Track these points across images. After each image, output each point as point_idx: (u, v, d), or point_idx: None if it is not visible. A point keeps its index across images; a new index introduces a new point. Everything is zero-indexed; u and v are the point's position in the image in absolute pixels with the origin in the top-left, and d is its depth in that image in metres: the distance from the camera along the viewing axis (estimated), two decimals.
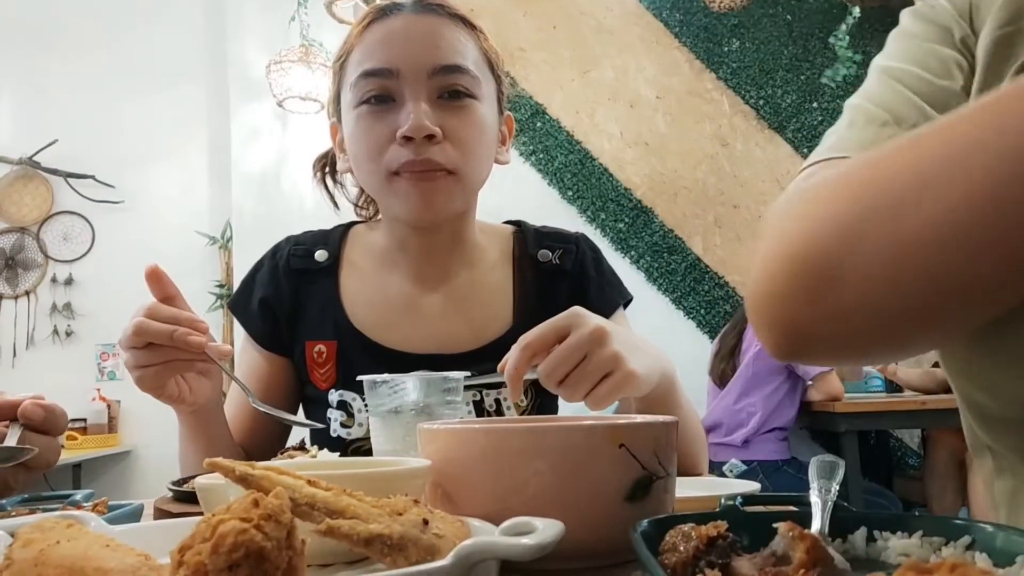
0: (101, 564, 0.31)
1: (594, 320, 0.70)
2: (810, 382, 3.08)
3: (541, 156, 4.04)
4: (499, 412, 0.97)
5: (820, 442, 3.64)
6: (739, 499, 0.45)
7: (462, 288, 1.02)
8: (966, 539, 0.40)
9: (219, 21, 4.07)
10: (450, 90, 0.92)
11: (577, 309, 0.71)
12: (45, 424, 0.67)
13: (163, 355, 0.79)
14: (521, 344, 0.69)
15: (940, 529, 0.41)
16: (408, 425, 0.69)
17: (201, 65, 4.13)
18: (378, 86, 0.92)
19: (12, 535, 0.34)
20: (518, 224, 1.11)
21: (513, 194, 3.66)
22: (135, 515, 0.55)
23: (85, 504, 0.53)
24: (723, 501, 0.45)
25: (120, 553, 0.32)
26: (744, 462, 3.01)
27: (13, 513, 0.53)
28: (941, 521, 0.42)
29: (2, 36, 4.03)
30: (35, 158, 4.10)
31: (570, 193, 4.02)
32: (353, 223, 1.11)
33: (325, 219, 1.14)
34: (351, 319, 1.00)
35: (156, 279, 0.81)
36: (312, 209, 3.69)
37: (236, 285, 1.09)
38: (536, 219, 1.15)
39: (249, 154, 3.96)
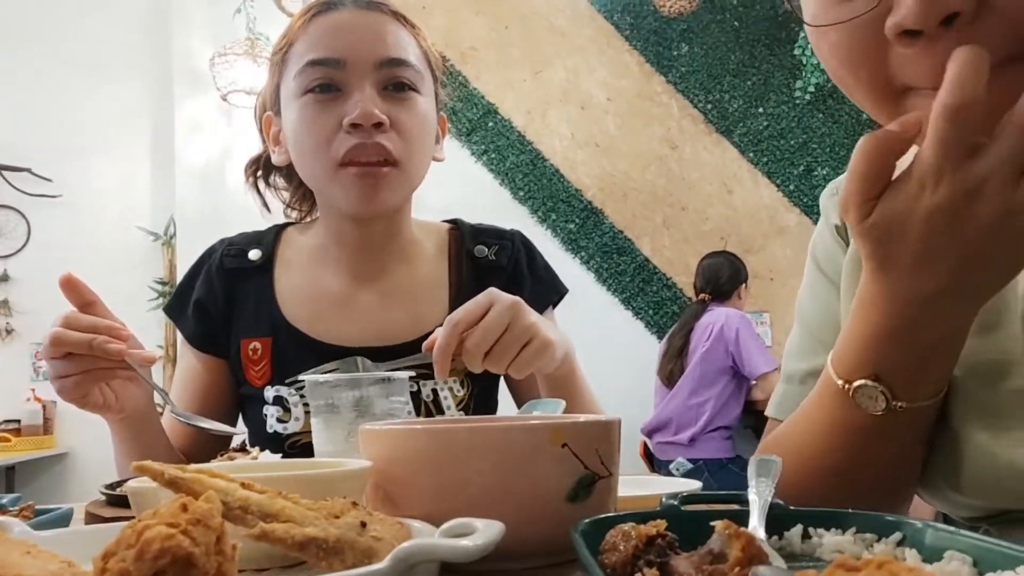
0: (20, 572, 0.29)
1: (510, 296, 0.78)
2: (754, 382, 3.14)
3: (493, 156, 4.04)
4: (436, 402, 0.98)
5: None
6: (679, 498, 0.45)
7: (399, 283, 1.03)
8: (897, 535, 0.41)
9: (163, 12, 3.97)
10: (395, 82, 0.94)
11: (493, 289, 0.79)
12: None
13: (83, 364, 0.78)
14: (450, 322, 0.75)
15: (872, 526, 0.42)
16: (350, 425, 0.68)
17: (144, 57, 4.02)
18: (324, 75, 0.92)
19: None
20: (454, 222, 1.11)
21: (464, 193, 3.66)
22: (64, 520, 0.53)
23: (11, 509, 0.51)
24: (664, 500, 0.46)
25: (41, 560, 0.31)
26: (690, 460, 3.06)
27: None
28: (873, 518, 0.43)
29: None
30: None
31: (521, 193, 4.03)
32: (286, 224, 1.11)
33: (270, 215, 1.13)
34: (285, 315, 1.00)
35: (71, 287, 0.80)
36: (257, 206, 3.61)
37: (179, 281, 1.08)
38: (487, 219, 1.15)
39: (193, 148, 3.87)
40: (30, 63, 3.97)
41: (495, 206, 3.87)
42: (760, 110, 4.13)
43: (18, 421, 3.75)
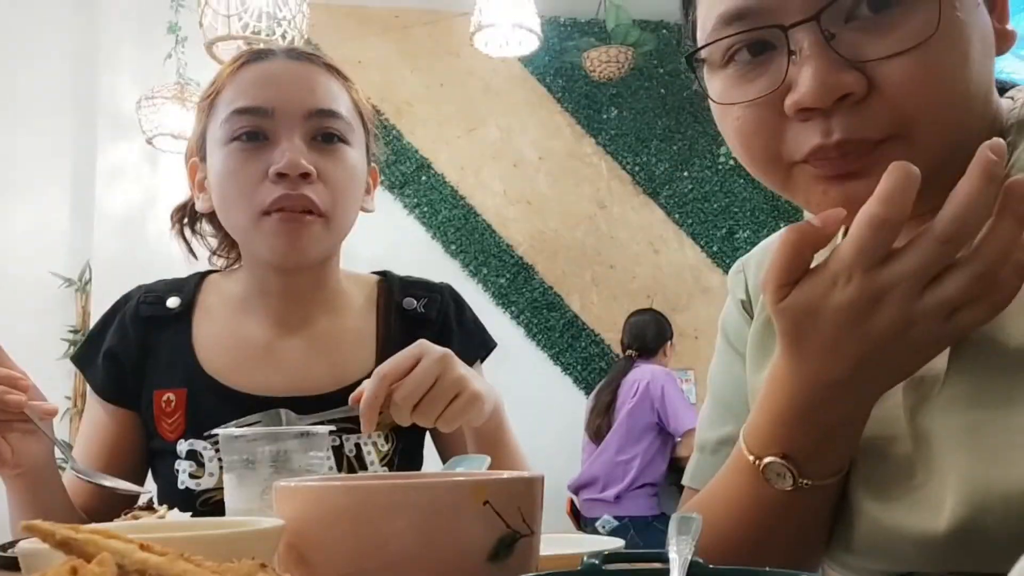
0: None
1: (440, 348, 0.78)
2: (679, 439, 3.18)
3: (425, 210, 4.06)
4: (359, 457, 0.95)
5: None
6: (601, 557, 0.45)
7: (324, 333, 1.01)
8: None
9: (91, 54, 3.89)
10: (324, 133, 0.93)
11: (423, 341, 0.78)
12: None
13: None
14: (379, 374, 0.75)
15: None
16: (266, 482, 0.65)
17: (68, 97, 3.91)
18: (251, 124, 0.91)
19: None
20: (383, 274, 1.11)
21: (396, 246, 3.65)
22: None
23: None
24: (585, 559, 0.45)
25: None
26: (616, 518, 3.06)
27: None
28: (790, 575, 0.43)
29: None
30: None
31: (453, 247, 4.04)
32: (209, 271, 1.08)
33: (194, 264, 1.10)
34: (203, 364, 0.97)
35: None
36: (180, 254, 3.52)
37: (90, 330, 1.03)
38: (419, 272, 1.15)
39: (115, 192, 3.76)
40: None
41: (426, 259, 3.86)
42: (685, 174, 4.28)
43: None
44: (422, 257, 3.85)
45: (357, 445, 0.95)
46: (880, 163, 0.48)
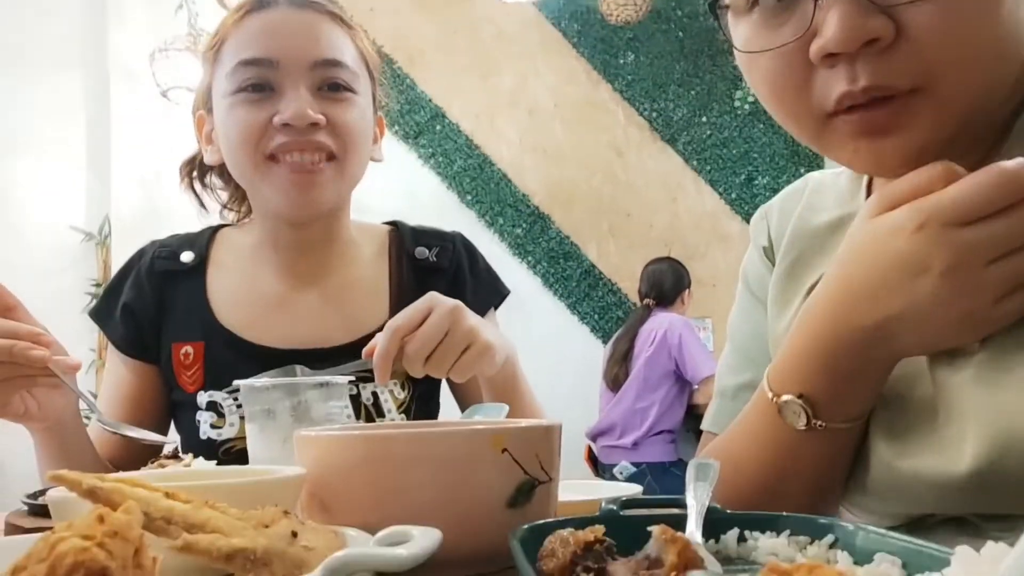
0: None
1: (451, 300, 0.78)
2: (697, 386, 3.19)
3: (440, 160, 4.03)
4: (376, 405, 0.96)
5: None
6: (619, 503, 0.45)
7: (337, 284, 1.01)
8: (829, 538, 0.42)
9: (100, 7, 3.85)
10: (331, 83, 0.92)
11: (433, 293, 0.79)
12: None
13: (4, 371, 0.74)
14: (390, 328, 0.75)
15: (806, 528, 0.43)
16: (287, 431, 0.66)
17: (79, 52, 3.89)
18: (257, 75, 0.90)
19: None
20: (394, 223, 1.10)
21: (411, 197, 3.63)
22: None
23: None
24: (603, 505, 0.45)
25: None
26: (633, 464, 3.09)
27: None
28: (807, 521, 0.43)
29: None
30: None
31: (469, 197, 4.02)
32: (222, 225, 1.08)
33: (205, 218, 1.10)
34: (219, 318, 0.98)
35: None
36: (195, 208, 3.52)
37: (107, 285, 1.04)
38: (434, 222, 1.14)
39: (130, 146, 3.76)
40: None
41: (442, 210, 3.85)
42: (703, 119, 4.21)
43: None
44: (437, 207, 3.83)
45: (374, 393, 0.96)
46: (909, 120, 0.47)
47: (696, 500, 0.45)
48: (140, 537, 0.27)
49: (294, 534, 0.34)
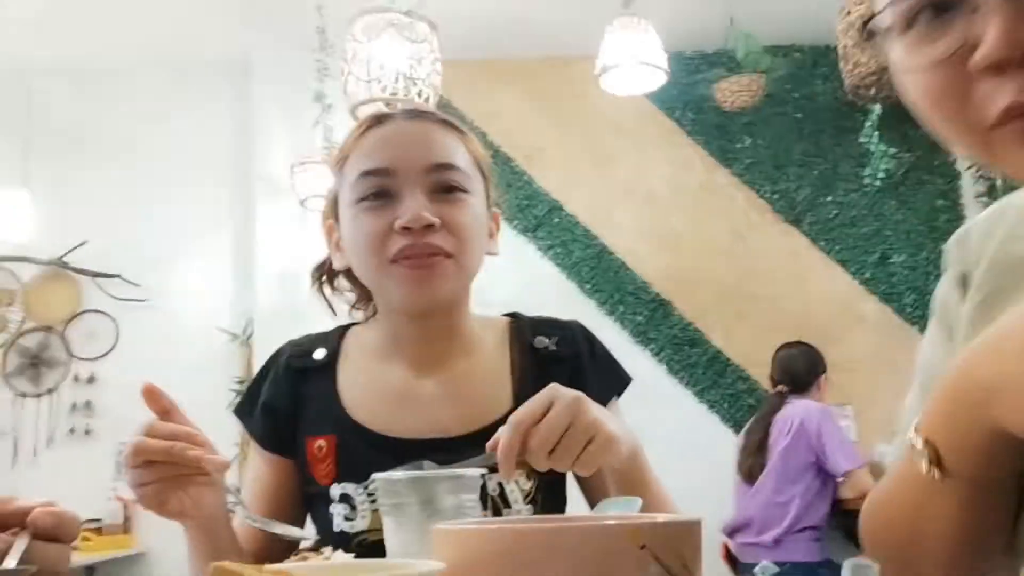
0: None
1: (572, 392, 0.77)
2: (841, 478, 2.98)
3: (559, 251, 4.09)
4: (503, 496, 0.96)
5: (856, 543, 3.49)
6: None
7: (460, 375, 1.03)
8: None
9: (245, 124, 4.24)
10: (445, 185, 0.97)
11: (555, 385, 0.78)
12: (56, 532, 0.65)
13: (162, 472, 0.80)
14: (513, 422, 0.75)
15: None
16: (423, 525, 0.67)
17: (226, 166, 4.27)
18: (376, 184, 0.97)
19: None
20: (513, 315, 1.12)
21: (532, 288, 3.69)
22: None
23: None
24: None
25: None
26: (776, 563, 2.89)
27: None
28: None
29: (35, 141, 4.21)
30: (64, 259, 4.20)
31: (588, 287, 4.04)
32: (351, 324, 1.13)
33: (336, 317, 1.16)
34: (348, 412, 1.01)
35: (151, 396, 0.83)
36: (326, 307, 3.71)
37: (248, 384, 1.11)
38: (555, 313, 1.15)
39: (271, 252, 4.04)
40: (121, 177, 4.25)
41: (562, 300, 3.88)
42: (829, 198, 4.09)
43: (99, 520, 3.83)
44: (558, 297, 3.87)
45: (500, 484, 0.96)
46: None
47: None
48: None
49: None
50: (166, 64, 4.22)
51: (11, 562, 0.57)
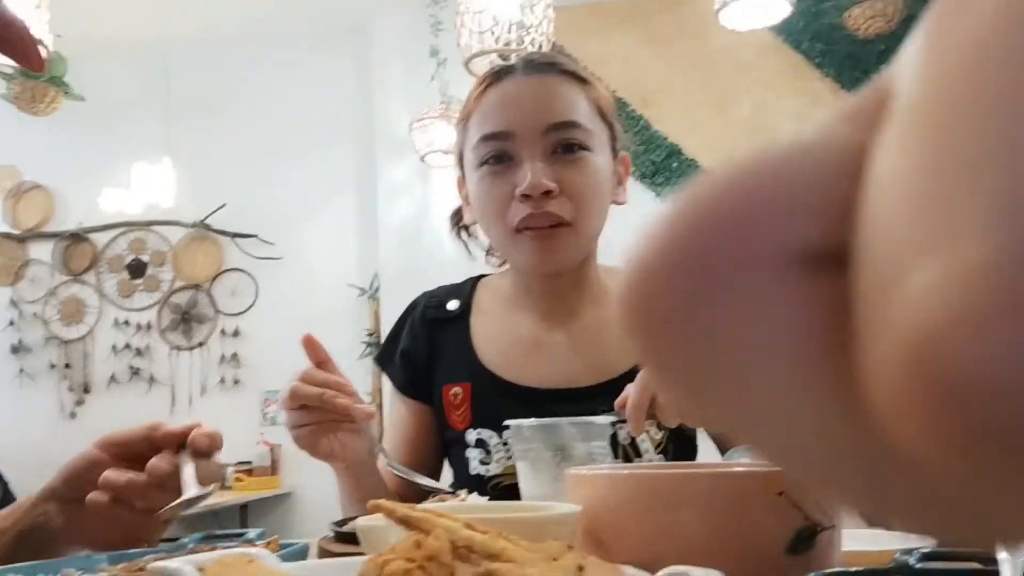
0: None
1: None
2: None
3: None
4: (633, 446, 0.98)
5: None
6: (915, 554, 0.42)
7: (589, 326, 1.06)
8: None
9: (365, 83, 4.34)
10: (564, 144, 0.97)
11: None
12: (210, 449, 0.72)
13: (314, 416, 0.87)
14: (642, 380, 0.76)
15: None
16: (555, 470, 0.69)
17: (350, 126, 4.41)
18: (496, 148, 0.99)
19: (200, 570, 0.36)
20: None
21: None
22: (302, 554, 0.58)
23: (259, 542, 0.57)
24: (897, 555, 0.42)
25: None
26: None
27: (193, 549, 0.58)
28: None
29: (177, 113, 4.48)
30: (206, 221, 4.50)
31: None
32: (482, 276, 1.17)
33: (463, 268, 1.20)
34: (482, 360, 1.06)
35: (310, 346, 0.90)
36: (451, 260, 3.80)
37: (384, 333, 1.18)
38: None
39: (393, 208, 4.16)
40: (255, 142, 4.48)
41: None
42: None
43: (249, 463, 4.15)
44: None
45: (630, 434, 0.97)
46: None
47: (1011, 553, 0.40)
48: (452, 562, 0.30)
49: (580, 568, 0.35)
50: (290, 30, 4.37)
51: (192, 490, 0.64)
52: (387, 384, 1.16)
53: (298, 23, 4.32)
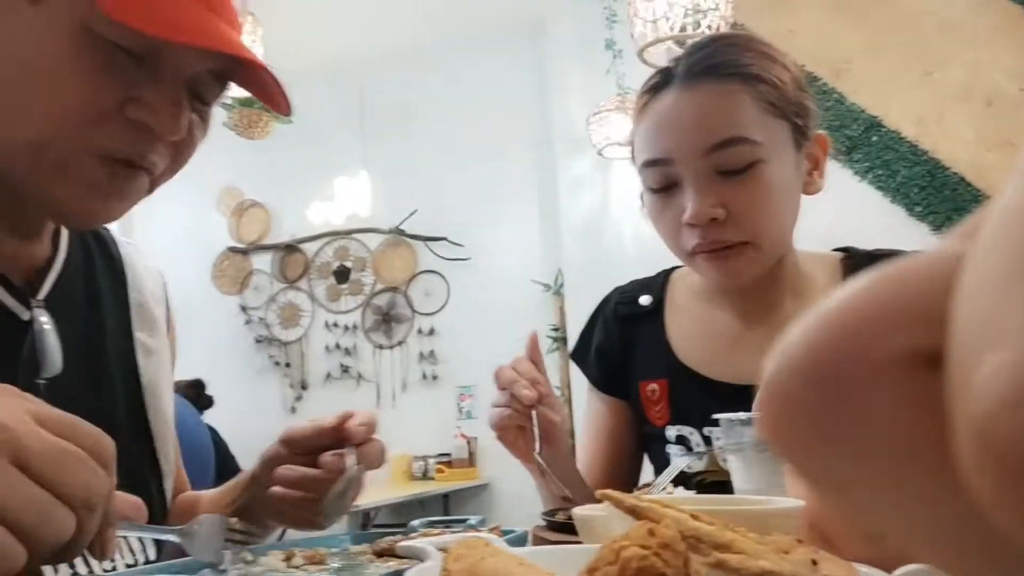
0: None
1: None
2: None
3: (880, 172, 3.71)
4: None
5: None
6: None
7: (789, 318, 0.99)
8: None
9: (542, 81, 4.42)
10: (728, 165, 0.90)
11: None
12: (367, 435, 0.76)
13: (505, 401, 0.91)
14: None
15: None
16: (769, 463, 0.67)
17: (528, 125, 4.51)
18: (658, 175, 0.95)
19: (442, 550, 0.40)
20: (847, 250, 1.05)
21: (853, 217, 3.40)
22: (522, 540, 0.61)
23: (481, 528, 0.61)
24: None
25: (532, 571, 0.36)
26: None
27: (423, 533, 0.63)
28: None
29: (371, 129, 4.81)
30: (401, 227, 4.78)
31: (919, 209, 3.62)
32: (674, 268, 1.14)
33: (646, 261, 1.19)
34: (679, 356, 1.04)
35: (532, 343, 0.96)
36: (634, 253, 3.78)
37: (569, 328, 1.20)
38: (881, 242, 1.07)
39: (575, 204, 4.20)
40: (442, 149, 4.70)
41: (888, 227, 3.52)
42: None
43: (449, 455, 4.37)
44: (882, 225, 3.52)
45: None
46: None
47: None
48: (686, 551, 0.30)
49: (814, 562, 0.34)
50: (468, 39, 4.54)
51: (352, 469, 0.70)
52: (580, 379, 1.17)
53: (476, 31, 4.48)
